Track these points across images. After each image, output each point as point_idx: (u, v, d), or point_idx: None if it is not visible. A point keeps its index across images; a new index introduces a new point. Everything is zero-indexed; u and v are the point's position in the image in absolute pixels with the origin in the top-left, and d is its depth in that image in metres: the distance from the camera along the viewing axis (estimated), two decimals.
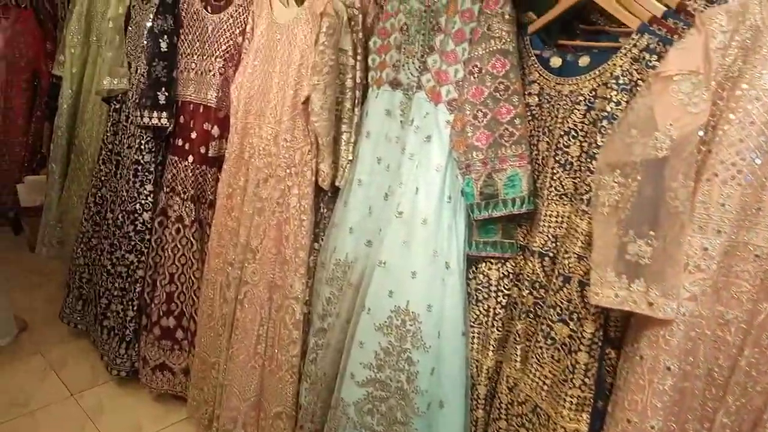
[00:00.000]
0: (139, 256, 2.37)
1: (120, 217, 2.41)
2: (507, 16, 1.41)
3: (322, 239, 1.90)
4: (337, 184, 1.83)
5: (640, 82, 1.21)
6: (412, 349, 1.53)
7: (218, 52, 2.17)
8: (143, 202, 2.36)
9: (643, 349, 1.18)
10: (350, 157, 1.79)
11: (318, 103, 1.76)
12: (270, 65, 1.94)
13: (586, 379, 1.30)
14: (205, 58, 2.21)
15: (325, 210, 1.91)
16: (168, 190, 2.33)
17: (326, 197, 1.90)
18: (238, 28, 2.13)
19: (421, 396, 1.52)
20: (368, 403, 1.62)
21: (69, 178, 2.89)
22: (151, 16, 2.34)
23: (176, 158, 2.31)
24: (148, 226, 2.37)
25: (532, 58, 1.43)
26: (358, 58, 1.80)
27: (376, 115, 1.72)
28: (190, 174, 2.23)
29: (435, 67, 1.56)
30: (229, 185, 2.07)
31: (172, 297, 2.30)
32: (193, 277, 2.26)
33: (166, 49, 2.28)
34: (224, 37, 2.16)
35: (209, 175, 2.24)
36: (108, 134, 2.56)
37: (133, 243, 2.37)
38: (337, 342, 1.72)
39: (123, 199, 2.41)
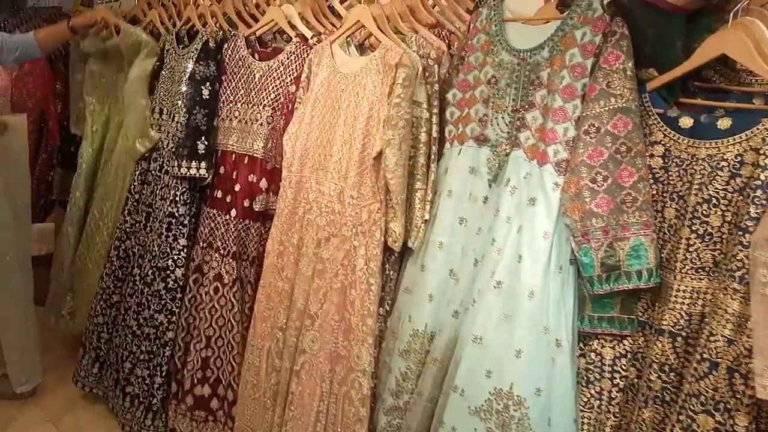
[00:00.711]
0: (170, 316, 2.12)
1: (150, 273, 2.17)
2: (629, 73, 1.25)
3: (387, 304, 1.69)
4: (409, 245, 1.63)
5: None
6: None
7: (266, 101, 1.97)
8: (176, 257, 2.12)
9: None
10: (426, 217, 1.60)
11: (393, 159, 1.58)
12: (332, 116, 1.75)
13: None
14: (251, 106, 2.02)
15: (391, 272, 1.70)
16: (205, 245, 2.11)
17: (392, 258, 1.70)
18: (290, 76, 1.95)
19: None
20: None
21: (84, 242, 2.61)
22: (191, 62, 2.15)
23: (215, 211, 2.09)
24: (181, 283, 2.13)
25: (654, 117, 1.27)
26: (434, 111, 1.63)
27: (459, 172, 1.54)
28: (232, 229, 2.01)
29: (536, 124, 1.39)
30: (280, 243, 1.85)
31: (208, 363, 2.05)
32: (232, 342, 2.02)
33: (207, 97, 2.08)
34: (273, 85, 1.97)
35: (253, 231, 2.02)
36: (135, 183, 2.33)
37: (163, 302, 2.12)
38: (418, 424, 1.50)
39: (154, 253, 2.16)
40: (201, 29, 2.22)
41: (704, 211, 1.18)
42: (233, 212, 2.01)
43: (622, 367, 1.32)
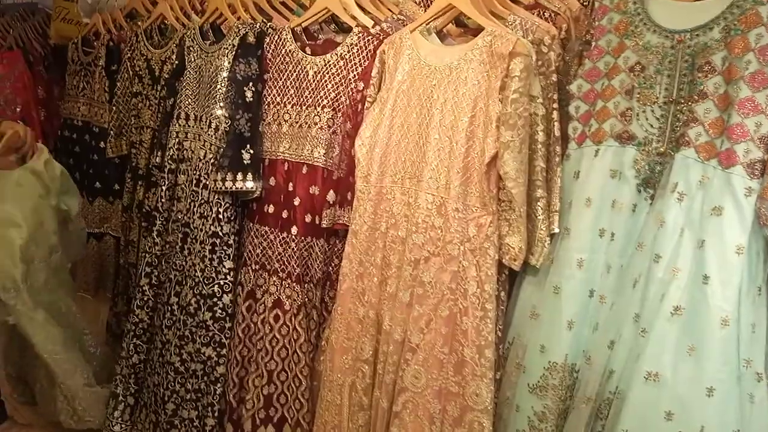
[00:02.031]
0: (219, 349, 1.76)
1: (193, 301, 1.79)
2: None
3: (500, 330, 1.39)
4: (532, 263, 1.33)
5: None
6: None
7: (325, 101, 1.63)
8: (222, 282, 1.76)
9: None
10: (555, 229, 1.31)
11: (513, 164, 1.27)
12: (421, 117, 1.42)
13: None
14: (305, 108, 1.67)
15: (502, 293, 1.40)
16: (257, 267, 1.75)
17: (502, 277, 1.40)
18: (353, 71, 1.60)
19: None
20: None
21: None
22: (225, 60, 1.77)
23: (267, 228, 1.73)
24: (230, 311, 1.77)
25: None
26: (554, 106, 1.33)
27: (598, 176, 1.24)
28: (294, 248, 1.66)
29: (710, 118, 1.10)
30: (360, 263, 1.52)
31: (271, 400, 1.70)
32: (299, 375, 1.67)
33: (251, 99, 1.71)
34: (333, 82, 1.62)
35: (317, 249, 1.67)
36: (162, 200, 1.93)
37: (211, 333, 1.76)
38: None
39: (196, 279, 1.79)
40: (234, 22, 1.84)
41: None
42: (294, 229, 1.66)
43: None
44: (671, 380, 1.09)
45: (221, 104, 1.77)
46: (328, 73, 1.63)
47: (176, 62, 1.97)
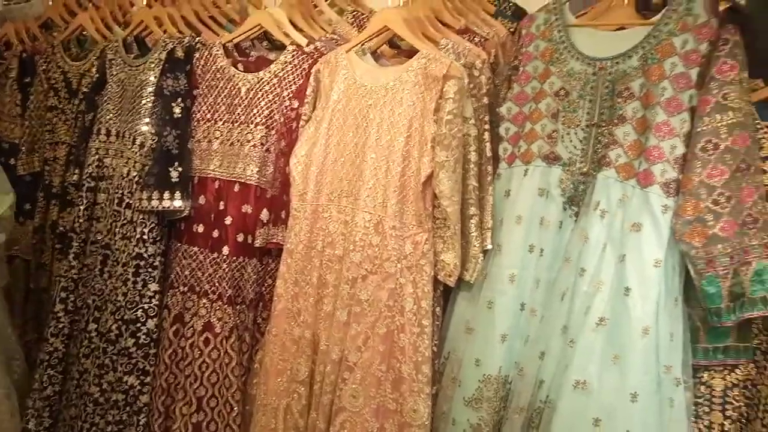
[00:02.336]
0: (143, 377, 1.67)
1: (114, 327, 1.70)
2: (745, 84, 1.09)
3: (435, 345, 1.42)
4: (466, 278, 1.37)
5: None
6: None
7: (259, 119, 1.61)
8: (147, 306, 1.68)
9: None
10: (487, 246, 1.35)
11: (448, 183, 1.31)
12: (357, 136, 1.44)
13: None
14: (237, 125, 1.64)
15: (437, 308, 1.43)
16: (185, 289, 1.69)
17: (437, 294, 1.43)
18: (287, 89, 1.60)
19: None
20: None
21: None
22: (152, 74, 1.72)
23: (196, 249, 1.68)
24: (154, 336, 1.69)
25: (763, 130, 1.13)
26: (485, 127, 1.38)
27: (527, 195, 1.30)
28: (226, 268, 1.62)
29: (629, 141, 1.19)
30: (295, 283, 1.50)
31: (200, 428, 1.63)
32: (231, 401, 1.62)
33: (179, 115, 1.67)
34: (266, 100, 1.61)
35: (249, 270, 1.64)
36: (80, 220, 1.83)
37: (134, 361, 1.67)
38: None
39: (118, 304, 1.70)
40: (161, 35, 1.79)
41: None
42: (225, 249, 1.62)
43: (735, 397, 1.16)
44: (597, 388, 1.15)
45: (147, 120, 1.71)
46: (261, 90, 1.62)
47: (96, 76, 1.89)
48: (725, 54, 1.09)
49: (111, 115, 1.84)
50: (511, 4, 1.58)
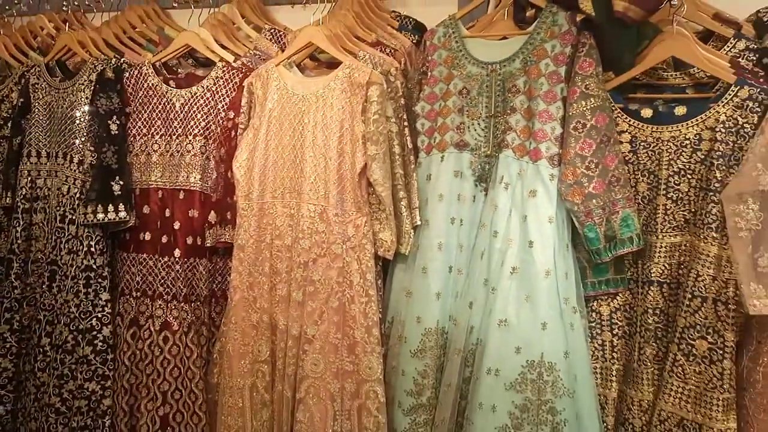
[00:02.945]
0: (103, 381, 1.77)
1: (70, 338, 1.77)
2: (600, 76, 1.43)
3: (380, 312, 1.65)
4: (402, 251, 1.62)
5: (746, 125, 1.34)
6: (554, 398, 1.41)
7: (196, 130, 1.77)
8: (101, 314, 1.77)
9: None
10: (417, 222, 1.61)
11: (379, 172, 1.55)
12: (294, 139, 1.64)
13: (732, 382, 1.36)
14: (174, 137, 1.78)
15: (380, 281, 1.67)
16: (138, 294, 1.80)
17: (378, 268, 1.67)
18: (221, 102, 1.76)
19: None
20: None
21: None
22: (82, 95, 1.81)
23: (145, 255, 1.80)
24: (110, 342, 1.79)
25: (617, 111, 1.47)
26: (404, 124, 1.64)
27: (445, 177, 1.58)
28: (179, 269, 1.76)
29: (520, 126, 1.50)
30: (249, 274, 1.68)
31: (167, 420, 1.76)
32: (195, 390, 1.76)
33: (116, 132, 1.78)
34: (202, 112, 1.77)
35: (201, 269, 1.78)
36: (18, 241, 1.87)
37: (93, 367, 1.76)
38: (452, 414, 1.51)
39: (71, 315, 1.77)
40: (87, 57, 1.88)
41: (675, 181, 1.41)
42: (177, 252, 1.76)
43: (618, 319, 1.50)
44: (516, 323, 1.44)
45: (83, 138, 1.79)
46: (196, 104, 1.77)
47: (21, 100, 1.92)
48: (584, 54, 1.43)
49: (40, 137, 1.89)
50: (411, 19, 1.85)
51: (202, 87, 1.77)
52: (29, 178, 1.88)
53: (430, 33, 1.64)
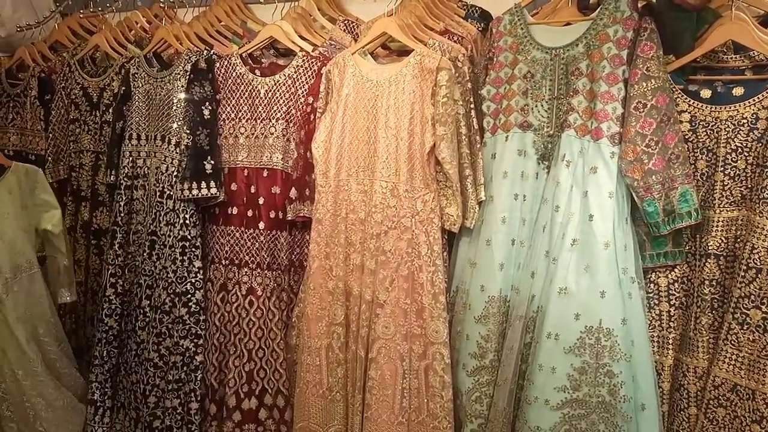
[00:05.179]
0: (196, 340, 1.95)
1: (168, 300, 1.97)
2: (661, 59, 1.49)
3: (445, 281, 1.76)
4: (467, 225, 1.72)
5: None
6: (611, 362, 1.49)
7: (279, 114, 1.91)
8: (194, 280, 1.96)
9: None
10: (482, 198, 1.71)
11: (447, 151, 1.66)
12: (369, 121, 1.76)
13: None
14: (259, 121, 1.94)
15: (445, 253, 1.78)
16: (226, 262, 1.98)
17: (444, 240, 1.78)
18: (301, 88, 1.91)
19: (628, 404, 1.49)
20: (565, 424, 1.53)
21: None
22: (179, 83, 1.99)
23: (233, 228, 1.97)
24: (202, 305, 1.97)
25: (677, 92, 1.52)
26: (470, 106, 1.74)
27: (509, 156, 1.66)
28: (264, 240, 1.92)
29: (582, 107, 1.57)
30: (326, 245, 1.82)
31: (252, 375, 1.93)
32: (277, 349, 1.92)
33: (208, 117, 1.95)
34: (284, 98, 1.92)
35: (282, 240, 1.94)
36: (121, 215, 2.08)
37: (188, 327, 1.95)
38: (514, 375, 1.61)
39: (169, 280, 1.97)
40: (182, 49, 2.06)
41: (733, 158, 1.46)
42: (261, 224, 1.92)
43: (676, 290, 1.56)
44: (576, 291, 1.52)
45: (179, 122, 1.97)
46: (278, 90, 1.92)
47: (122, 89, 2.12)
48: (646, 38, 1.49)
49: (140, 121, 2.09)
50: (477, 8, 1.94)
51: (284, 75, 1.92)
52: (130, 159, 2.08)
53: (497, 20, 1.72)
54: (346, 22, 2.10)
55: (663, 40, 1.50)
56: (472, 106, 1.73)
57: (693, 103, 1.50)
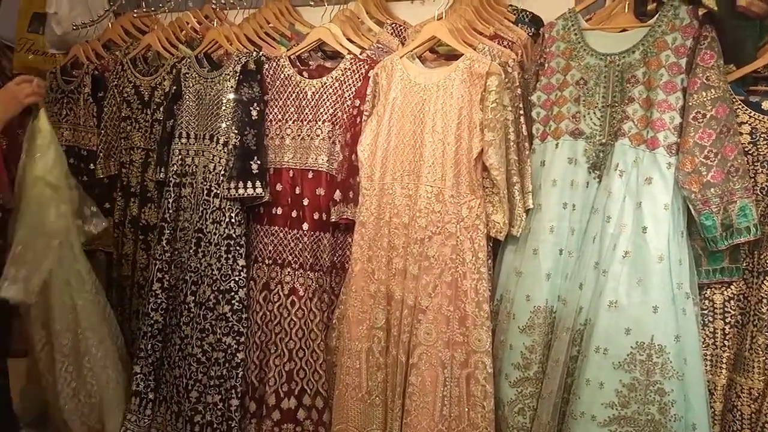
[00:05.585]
0: (239, 337, 1.96)
1: (212, 297, 1.98)
2: (721, 68, 1.43)
3: (488, 290, 1.72)
4: (513, 233, 1.68)
5: None
6: (662, 380, 1.44)
7: (325, 116, 1.91)
8: (237, 278, 1.97)
9: None
10: (529, 206, 1.67)
11: (495, 157, 1.62)
12: (416, 125, 1.74)
13: None
14: (305, 123, 1.93)
15: (489, 261, 1.74)
16: (270, 262, 1.98)
17: (488, 248, 1.74)
18: (348, 91, 1.89)
19: (678, 423, 1.43)
20: None
21: None
22: (228, 84, 2.00)
23: (277, 228, 1.97)
24: (245, 303, 1.98)
25: (737, 103, 1.46)
26: (520, 112, 1.70)
27: (559, 163, 1.62)
28: (307, 241, 1.92)
29: (638, 115, 1.51)
30: (369, 248, 1.80)
31: (292, 375, 1.93)
32: (317, 350, 1.91)
33: (256, 117, 1.96)
34: (330, 100, 1.91)
35: (325, 242, 1.94)
36: (169, 211, 2.10)
37: (230, 324, 1.96)
38: (559, 388, 1.57)
39: (214, 277, 1.98)
40: (232, 50, 2.07)
41: None
42: (305, 225, 1.92)
43: (732, 308, 1.49)
44: (627, 305, 1.47)
45: (228, 122, 1.98)
46: (325, 93, 1.91)
47: (173, 88, 2.14)
48: (706, 46, 1.42)
49: (190, 120, 2.11)
50: (527, 12, 1.89)
51: (332, 77, 1.91)
52: (179, 157, 2.11)
53: (549, 25, 1.68)
54: (393, 25, 2.09)
55: (724, 49, 1.44)
56: (522, 112, 1.69)
57: (754, 114, 1.43)
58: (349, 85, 1.89)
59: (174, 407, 2.06)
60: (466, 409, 1.66)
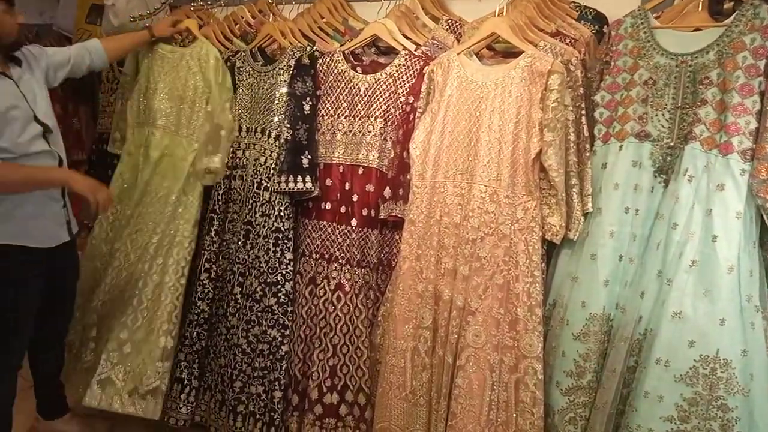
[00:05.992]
0: (283, 330, 1.94)
1: (258, 289, 1.97)
2: None
3: (541, 294, 1.66)
4: (570, 237, 1.61)
5: None
6: (726, 396, 1.35)
7: (378, 113, 1.87)
8: (284, 271, 1.94)
9: None
10: (588, 209, 1.60)
11: (555, 158, 1.56)
12: (470, 123, 1.68)
13: None
14: (357, 118, 1.90)
15: (543, 264, 1.68)
16: (317, 256, 1.95)
17: (543, 251, 1.67)
18: (401, 87, 1.85)
19: None
20: None
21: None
22: (282, 78, 1.98)
23: (325, 223, 1.94)
24: (291, 297, 1.96)
25: None
26: (582, 112, 1.63)
27: (623, 166, 1.54)
28: (355, 237, 1.88)
29: (710, 119, 1.43)
30: (418, 246, 1.76)
31: (335, 370, 1.90)
32: (361, 347, 1.88)
33: (308, 112, 1.93)
34: (383, 97, 1.87)
35: (372, 238, 1.90)
36: (219, 203, 2.10)
37: (276, 316, 1.94)
38: (614, 399, 1.49)
39: (261, 269, 1.96)
40: (287, 45, 2.05)
41: None
42: (353, 221, 1.88)
43: None
44: (692, 316, 1.38)
45: (281, 116, 1.96)
46: (378, 88, 1.87)
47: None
48: None
49: (243, 113, 2.10)
50: (591, 9, 1.81)
51: (386, 73, 1.87)
52: (231, 149, 2.10)
53: (617, 23, 1.60)
54: (449, 21, 2.03)
55: None
56: (583, 112, 1.62)
57: None
58: (403, 81, 1.85)
59: (218, 396, 2.05)
60: (514, 415, 1.60)
